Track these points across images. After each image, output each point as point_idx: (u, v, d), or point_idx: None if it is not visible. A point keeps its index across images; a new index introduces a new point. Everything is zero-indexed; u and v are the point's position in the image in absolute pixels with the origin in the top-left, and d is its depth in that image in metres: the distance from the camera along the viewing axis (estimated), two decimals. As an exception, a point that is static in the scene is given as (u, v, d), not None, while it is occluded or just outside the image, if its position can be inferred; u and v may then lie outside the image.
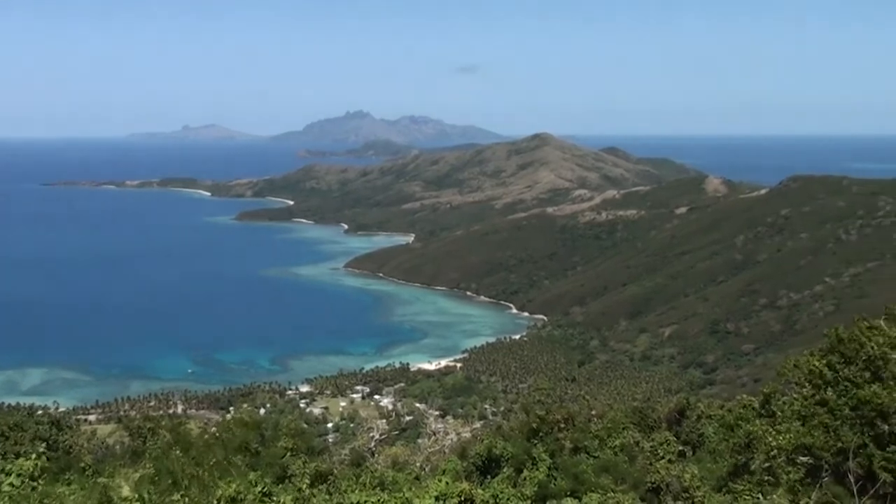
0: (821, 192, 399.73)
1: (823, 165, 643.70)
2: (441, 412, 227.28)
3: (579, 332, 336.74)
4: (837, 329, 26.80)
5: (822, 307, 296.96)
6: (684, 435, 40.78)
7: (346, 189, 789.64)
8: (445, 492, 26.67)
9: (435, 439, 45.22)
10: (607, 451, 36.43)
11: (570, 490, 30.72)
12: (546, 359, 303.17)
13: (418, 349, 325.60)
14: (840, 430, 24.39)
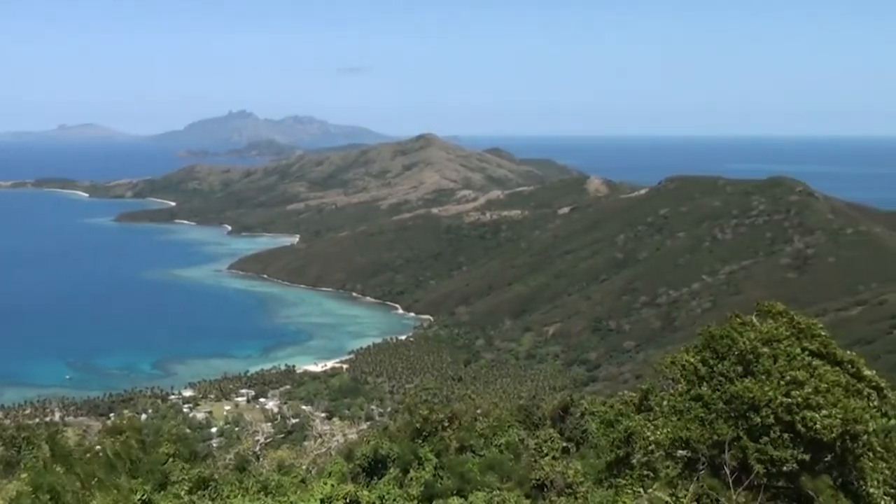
0: (697, 192, 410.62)
1: (699, 166, 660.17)
2: (327, 414, 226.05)
3: (465, 331, 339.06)
4: (711, 326, 27.65)
5: (700, 304, 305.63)
6: (568, 432, 41.40)
7: (229, 190, 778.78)
8: (331, 494, 26.68)
9: (321, 441, 44.99)
10: (493, 449, 36.81)
11: (457, 489, 30.97)
12: (432, 359, 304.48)
13: (304, 351, 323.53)
14: (715, 423, 25.15)
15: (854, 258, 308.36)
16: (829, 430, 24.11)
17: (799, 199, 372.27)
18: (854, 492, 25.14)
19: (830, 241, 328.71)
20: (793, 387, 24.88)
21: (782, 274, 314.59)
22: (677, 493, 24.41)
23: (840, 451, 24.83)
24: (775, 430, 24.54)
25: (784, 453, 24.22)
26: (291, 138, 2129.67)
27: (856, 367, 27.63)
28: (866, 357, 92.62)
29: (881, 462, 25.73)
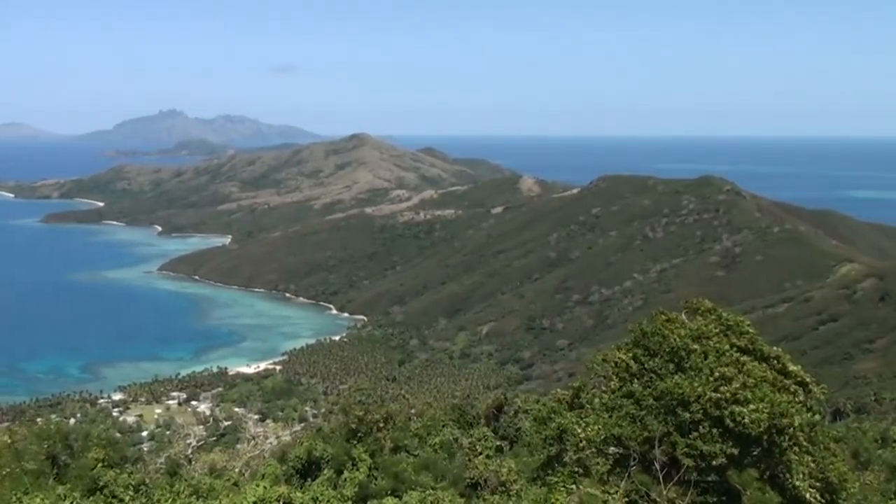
0: (628, 191, 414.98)
1: (630, 166, 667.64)
2: (261, 416, 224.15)
3: (399, 331, 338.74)
4: (642, 323, 28.06)
5: (632, 302, 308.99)
6: (502, 430, 41.65)
7: (159, 190, 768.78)
8: (263, 496, 26.55)
9: (254, 444, 44.67)
10: (427, 448, 36.91)
11: (391, 489, 31.01)
12: (366, 359, 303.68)
13: (237, 352, 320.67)
14: (645, 419, 25.53)
15: (781, 256, 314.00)
16: (756, 424, 24.60)
17: (727, 199, 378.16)
18: (781, 485, 25.67)
19: (758, 239, 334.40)
20: (721, 382, 25.36)
21: (711, 272, 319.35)
22: (609, 490, 24.71)
23: (767, 444, 25.36)
24: (704, 426, 24.98)
25: (713, 448, 24.66)
26: (223, 138, 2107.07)
27: (782, 363, 28.24)
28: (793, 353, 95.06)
29: (806, 455, 26.30)
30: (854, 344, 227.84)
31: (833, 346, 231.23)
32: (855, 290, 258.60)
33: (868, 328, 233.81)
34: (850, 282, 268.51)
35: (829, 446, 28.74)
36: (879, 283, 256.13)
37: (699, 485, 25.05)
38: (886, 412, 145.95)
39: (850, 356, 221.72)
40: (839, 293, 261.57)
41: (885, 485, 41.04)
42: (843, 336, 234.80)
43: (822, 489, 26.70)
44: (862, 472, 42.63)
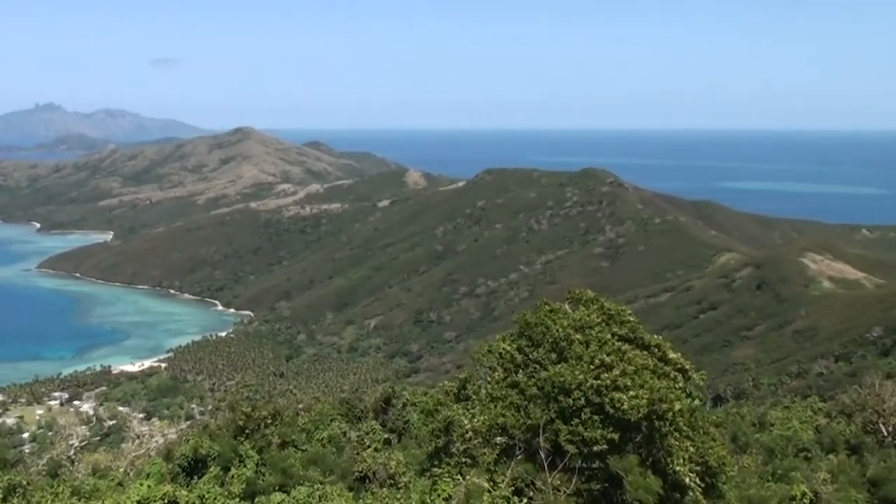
0: (514, 184, 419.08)
1: (515, 159, 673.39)
2: (146, 414, 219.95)
3: (286, 326, 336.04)
4: (526, 314, 28.39)
5: (518, 293, 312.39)
6: (390, 423, 41.75)
7: (37, 186, 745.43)
8: (148, 495, 26.08)
9: (139, 443, 43.85)
10: (315, 443, 36.76)
11: (279, 485, 30.79)
12: (254, 355, 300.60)
13: (120, 351, 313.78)
14: (529, 408, 25.84)
15: (662, 246, 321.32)
16: (635, 410, 25.10)
17: (610, 191, 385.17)
18: (662, 469, 26.26)
19: (640, 230, 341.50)
20: (602, 370, 25.81)
21: (595, 263, 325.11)
22: (495, 479, 24.94)
23: (648, 430, 25.91)
24: (586, 412, 25.38)
25: (594, 433, 25.08)
26: (103, 132, 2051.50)
27: (662, 351, 28.90)
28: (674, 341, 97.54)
29: (686, 440, 26.97)
30: (733, 331, 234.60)
31: (713, 334, 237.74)
32: (733, 279, 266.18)
33: (746, 316, 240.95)
34: (729, 271, 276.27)
35: (709, 431, 29.52)
36: (756, 271, 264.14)
37: (583, 471, 25.43)
38: (764, 397, 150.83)
39: (730, 343, 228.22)
40: (718, 282, 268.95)
41: (763, 467, 42.42)
42: (723, 324, 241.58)
43: (702, 473, 27.41)
44: (740, 455, 43.94)
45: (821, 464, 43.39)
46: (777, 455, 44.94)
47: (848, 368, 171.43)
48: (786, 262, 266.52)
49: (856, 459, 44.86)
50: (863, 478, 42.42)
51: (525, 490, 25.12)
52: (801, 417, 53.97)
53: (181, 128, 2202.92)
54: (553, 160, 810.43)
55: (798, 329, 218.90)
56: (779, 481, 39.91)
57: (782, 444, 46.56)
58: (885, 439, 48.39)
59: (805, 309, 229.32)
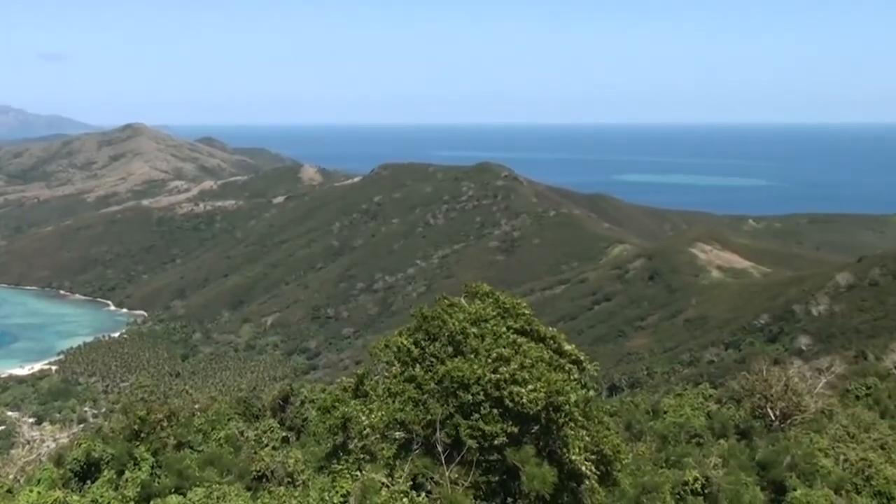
0: (409, 179, 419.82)
1: (410, 154, 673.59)
2: (36, 419, 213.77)
3: (181, 325, 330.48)
4: (422, 308, 28.47)
5: (415, 288, 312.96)
6: (289, 421, 41.51)
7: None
8: (38, 501, 25.49)
9: (29, 448, 42.68)
10: (212, 443, 36.34)
11: (175, 487, 30.38)
12: (148, 355, 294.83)
13: (8, 354, 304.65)
14: (428, 403, 25.91)
15: (557, 239, 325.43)
16: (534, 403, 25.38)
17: (505, 185, 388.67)
18: (558, 459, 26.62)
19: (535, 223, 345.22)
20: (500, 364, 26.02)
21: (492, 256, 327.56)
22: (393, 474, 24.98)
23: (545, 422, 26.22)
24: (485, 406, 25.56)
25: (494, 428, 25.29)
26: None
27: (558, 343, 29.28)
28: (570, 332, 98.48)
29: (582, 430, 27.40)
30: (627, 321, 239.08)
31: (607, 325, 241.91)
32: (626, 271, 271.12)
33: (639, 306, 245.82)
34: (622, 262, 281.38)
35: (603, 420, 30.06)
36: (648, 262, 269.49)
37: (481, 464, 25.64)
38: (657, 385, 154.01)
39: (624, 333, 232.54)
40: (612, 273, 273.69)
41: (657, 454, 43.34)
42: (617, 314, 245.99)
43: (597, 461, 27.88)
44: (635, 442, 44.82)
45: (712, 449, 44.53)
46: (670, 442, 45.93)
47: (737, 355, 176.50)
48: (676, 252, 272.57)
49: (745, 444, 46.15)
50: (752, 461, 43.68)
51: (423, 484, 25.21)
52: (692, 404, 55.16)
53: (68, 124, 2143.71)
54: (449, 155, 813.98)
55: (689, 318, 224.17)
56: (672, 467, 40.83)
57: (675, 431, 47.59)
58: (773, 423, 49.88)
59: (695, 298, 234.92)
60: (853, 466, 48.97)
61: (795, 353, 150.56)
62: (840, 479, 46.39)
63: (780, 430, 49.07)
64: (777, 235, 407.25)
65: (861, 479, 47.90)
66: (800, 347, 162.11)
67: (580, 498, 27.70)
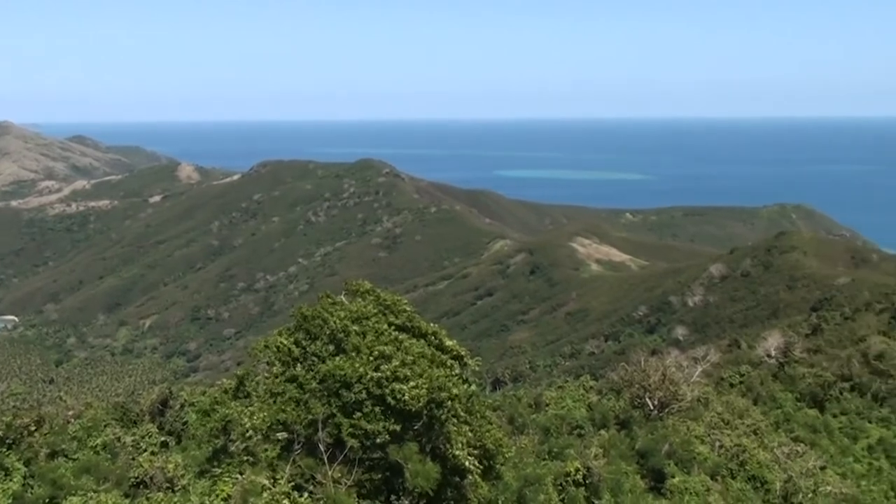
0: (290, 176, 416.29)
1: (290, 151, 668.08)
2: None
3: (55, 330, 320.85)
4: (302, 307, 28.24)
5: (297, 287, 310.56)
6: (168, 425, 40.67)
7: None
8: None
9: None
10: (88, 451, 35.33)
11: (49, 497, 29.47)
12: (20, 361, 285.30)
13: None
14: (310, 403, 25.74)
15: (438, 235, 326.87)
16: (416, 400, 25.43)
17: (387, 181, 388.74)
18: (441, 455, 26.72)
19: (417, 219, 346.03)
20: (381, 361, 25.99)
21: (374, 253, 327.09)
22: (276, 476, 24.72)
23: (427, 418, 26.30)
24: (367, 405, 25.52)
25: (376, 426, 25.26)
26: None
27: (439, 339, 29.38)
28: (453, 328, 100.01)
29: (465, 426, 27.57)
30: (509, 316, 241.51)
31: (490, 319, 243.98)
32: (508, 265, 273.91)
33: (521, 300, 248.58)
34: (503, 257, 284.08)
35: (486, 415, 30.29)
36: (529, 257, 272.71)
37: (364, 462, 25.59)
38: (540, 378, 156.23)
39: (507, 328, 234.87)
40: (493, 268, 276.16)
41: (539, 446, 43.85)
42: (499, 309, 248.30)
43: (480, 456, 28.09)
44: (518, 436, 45.26)
45: (593, 440, 45.30)
46: (552, 434, 46.49)
47: (617, 347, 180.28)
48: (556, 247, 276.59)
49: (625, 433, 47.10)
50: (632, 451, 44.61)
51: (306, 485, 25.03)
52: (574, 396, 55.95)
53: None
54: (330, 152, 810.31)
55: (570, 311, 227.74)
56: (554, 459, 41.38)
57: (557, 423, 48.19)
58: (652, 412, 50.99)
59: (576, 291, 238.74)
60: (728, 452, 50.56)
61: (672, 343, 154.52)
62: (716, 465, 47.83)
63: (658, 419, 50.19)
64: (653, 228, 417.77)
65: (736, 464, 49.50)
66: (676, 338, 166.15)
67: (464, 493, 27.87)
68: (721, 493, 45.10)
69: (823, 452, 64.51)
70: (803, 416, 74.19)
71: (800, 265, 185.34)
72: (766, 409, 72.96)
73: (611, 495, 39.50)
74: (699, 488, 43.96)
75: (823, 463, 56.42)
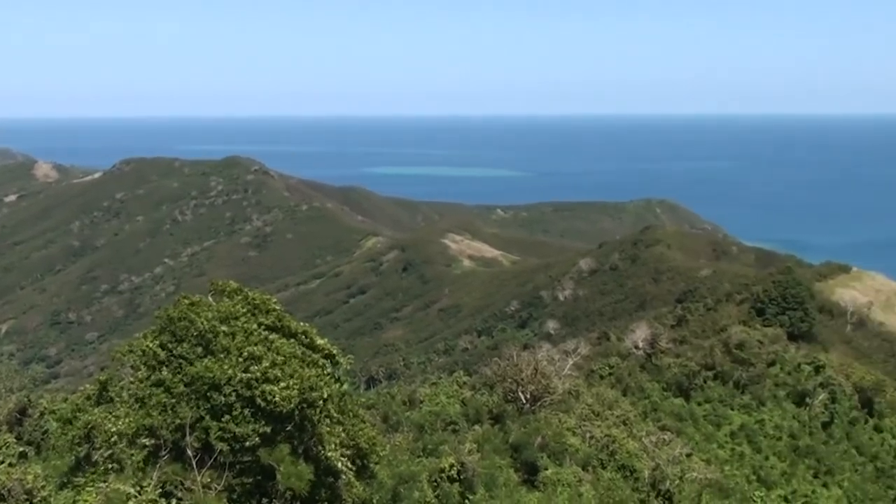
0: (155, 174, 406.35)
1: (155, 148, 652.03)
2: None
3: None
4: (168, 309, 27.40)
5: (164, 288, 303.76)
6: (27, 435, 39.35)
7: None
8: None
9: None
10: (-62, 465, 33.75)
11: None
12: None
13: None
14: (177, 407, 24.99)
15: (310, 233, 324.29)
16: (287, 401, 24.94)
17: (255, 179, 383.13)
18: (314, 456, 26.31)
19: (287, 218, 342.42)
20: (251, 362, 25.41)
21: (244, 252, 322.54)
22: (142, 483, 23.92)
23: (299, 419, 25.85)
24: (237, 407, 24.92)
25: (246, 429, 24.69)
26: None
27: (310, 338, 28.92)
28: (326, 326, 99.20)
29: (337, 425, 27.23)
30: (382, 314, 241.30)
31: (363, 317, 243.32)
32: (380, 263, 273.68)
33: (394, 298, 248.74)
34: (376, 255, 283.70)
35: (359, 414, 30.02)
36: (402, 254, 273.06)
37: (234, 466, 25.02)
38: (414, 375, 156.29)
39: (380, 325, 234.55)
40: (366, 266, 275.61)
41: (414, 443, 43.73)
42: (372, 307, 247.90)
43: (354, 455, 27.78)
44: (392, 434, 45.09)
45: (467, 435, 45.47)
46: (427, 430, 46.47)
47: (490, 342, 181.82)
48: (429, 243, 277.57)
49: (499, 428, 47.45)
50: (505, 444, 44.94)
51: (174, 491, 24.32)
52: (448, 392, 56.13)
53: None
54: (196, 149, 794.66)
55: (443, 307, 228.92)
56: (429, 456, 41.34)
57: (431, 420, 48.20)
58: (524, 406, 51.48)
59: (448, 288, 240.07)
60: (599, 443, 51.48)
61: (544, 337, 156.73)
62: (587, 456, 48.58)
63: (531, 412, 50.69)
64: (524, 224, 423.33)
65: (606, 454, 50.40)
66: (548, 332, 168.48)
67: (338, 493, 27.54)
68: (592, 484, 45.79)
69: (689, 440, 66.45)
70: (670, 406, 76.29)
71: (665, 258, 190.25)
72: (635, 400, 74.72)
73: (485, 490, 39.66)
74: (571, 479, 44.53)
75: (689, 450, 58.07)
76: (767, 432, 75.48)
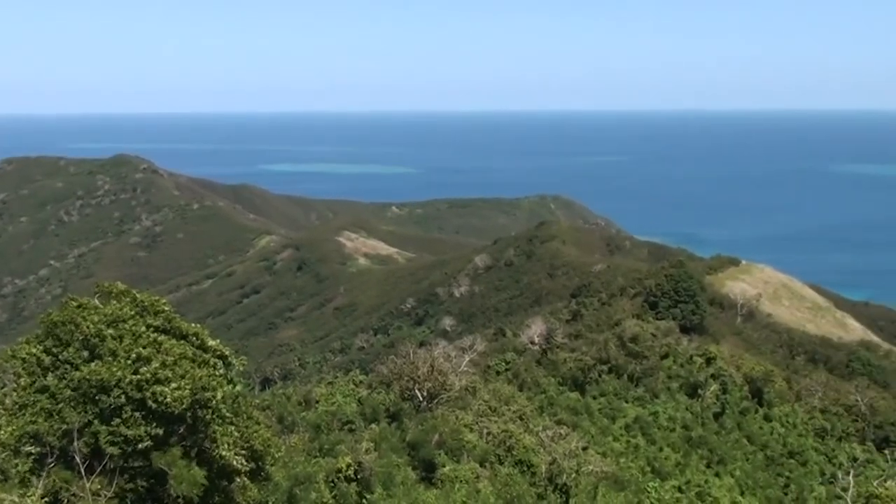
0: (38, 173, 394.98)
1: (37, 146, 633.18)
2: None
3: None
4: (52, 313, 26.65)
5: (50, 290, 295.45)
6: None
7: None
8: None
9: None
10: None
11: None
12: None
13: None
14: (64, 412, 24.34)
15: (202, 233, 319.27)
16: (179, 402, 24.52)
17: (144, 177, 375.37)
18: (208, 459, 25.89)
19: (178, 217, 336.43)
20: (140, 364, 24.89)
21: (133, 253, 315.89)
22: (27, 492, 23.21)
23: (192, 420, 25.42)
24: (127, 410, 24.40)
25: (137, 431, 24.20)
26: None
27: (201, 339, 28.47)
28: (220, 327, 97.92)
29: (231, 426, 26.80)
30: (277, 313, 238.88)
31: (257, 318, 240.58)
32: (274, 262, 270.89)
33: (289, 297, 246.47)
34: (270, 253, 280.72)
35: (253, 415, 29.63)
36: (296, 252, 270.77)
37: (126, 471, 24.49)
38: (310, 375, 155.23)
39: (275, 325, 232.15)
40: (260, 265, 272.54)
41: (310, 444, 43.43)
42: (267, 307, 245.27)
43: (248, 457, 27.41)
44: (288, 435, 44.67)
45: (364, 434, 45.32)
46: (323, 430, 46.24)
47: (386, 340, 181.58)
48: (323, 241, 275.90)
49: (396, 426, 47.39)
50: (403, 443, 44.91)
51: (62, 499, 23.67)
52: (344, 392, 55.96)
53: None
54: (82, 147, 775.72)
55: (338, 306, 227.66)
56: (326, 456, 41.10)
57: (328, 420, 47.98)
58: (421, 404, 51.54)
59: (344, 286, 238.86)
60: (496, 438, 51.80)
61: (440, 334, 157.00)
62: (484, 452, 48.84)
63: (428, 409, 50.75)
64: (419, 221, 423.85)
65: (503, 449, 50.75)
66: (444, 328, 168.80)
67: (232, 496, 27.17)
68: (490, 479, 46.07)
69: (585, 433, 67.32)
70: (565, 400, 77.20)
71: (560, 254, 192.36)
72: (531, 395, 75.40)
73: (383, 489, 39.58)
74: (469, 476, 44.71)
75: (585, 443, 58.80)
76: (661, 424, 76.98)
